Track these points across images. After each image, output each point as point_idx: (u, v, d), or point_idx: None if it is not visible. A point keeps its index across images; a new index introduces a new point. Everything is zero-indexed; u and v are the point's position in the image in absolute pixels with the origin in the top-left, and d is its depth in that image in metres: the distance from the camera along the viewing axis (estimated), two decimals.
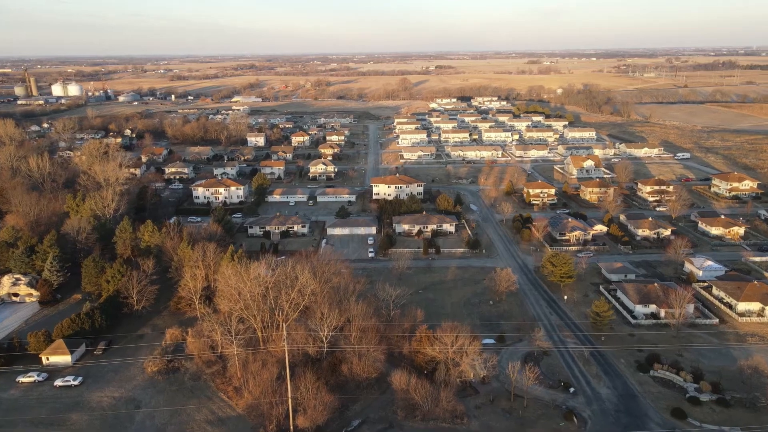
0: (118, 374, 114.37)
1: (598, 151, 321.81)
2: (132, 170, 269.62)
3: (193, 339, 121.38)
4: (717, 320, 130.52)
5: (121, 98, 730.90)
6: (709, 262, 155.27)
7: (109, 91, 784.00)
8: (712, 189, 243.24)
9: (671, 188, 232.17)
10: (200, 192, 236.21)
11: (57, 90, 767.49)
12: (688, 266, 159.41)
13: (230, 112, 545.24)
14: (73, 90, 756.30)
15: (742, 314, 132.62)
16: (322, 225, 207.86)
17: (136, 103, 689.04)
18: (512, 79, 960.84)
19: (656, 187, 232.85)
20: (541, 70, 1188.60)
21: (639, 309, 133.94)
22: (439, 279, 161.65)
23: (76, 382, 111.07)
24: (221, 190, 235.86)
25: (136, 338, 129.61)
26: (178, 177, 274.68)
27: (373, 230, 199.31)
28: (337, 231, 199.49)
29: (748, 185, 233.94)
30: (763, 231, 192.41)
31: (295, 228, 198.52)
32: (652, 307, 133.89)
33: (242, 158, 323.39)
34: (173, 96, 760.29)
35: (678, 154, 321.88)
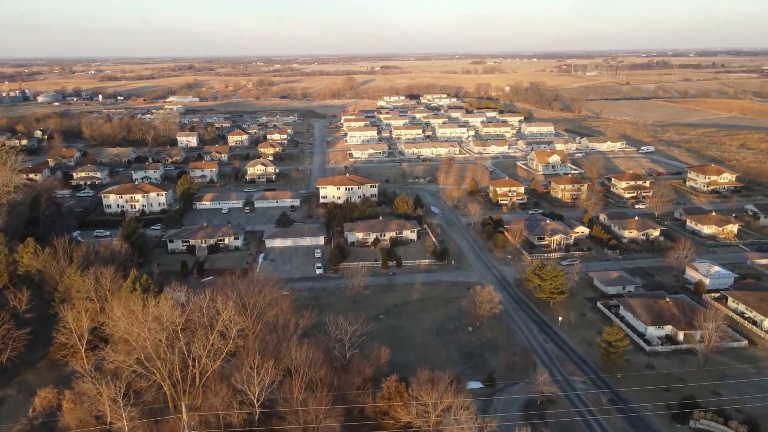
0: None
1: (560, 146, 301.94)
2: (31, 176, 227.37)
3: (71, 405, 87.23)
4: (746, 342, 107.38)
5: (40, 98, 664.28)
6: (717, 268, 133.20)
7: (26, 91, 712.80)
8: (688, 183, 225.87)
9: (648, 183, 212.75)
10: (112, 200, 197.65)
11: None
12: (690, 273, 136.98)
13: (161, 111, 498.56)
14: None
15: None
16: (259, 236, 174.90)
17: (57, 103, 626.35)
18: (459, 78, 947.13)
19: (632, 183, 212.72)
20: (486, 70, 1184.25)
21: (652, 331, 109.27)
22: (403, 299, 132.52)
23: None
24: (138, 196, 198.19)
25: None
26: (89, 183, 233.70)
27: (321, 240, 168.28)
28: (278, 243, 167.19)
29: (726, 178, 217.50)
30: (756, 228, 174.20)
31: (227, 240, 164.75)
32: (668, 329, 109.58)
33: (169, 160, 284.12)
34: (101, 96, 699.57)
35: (642, 148, 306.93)
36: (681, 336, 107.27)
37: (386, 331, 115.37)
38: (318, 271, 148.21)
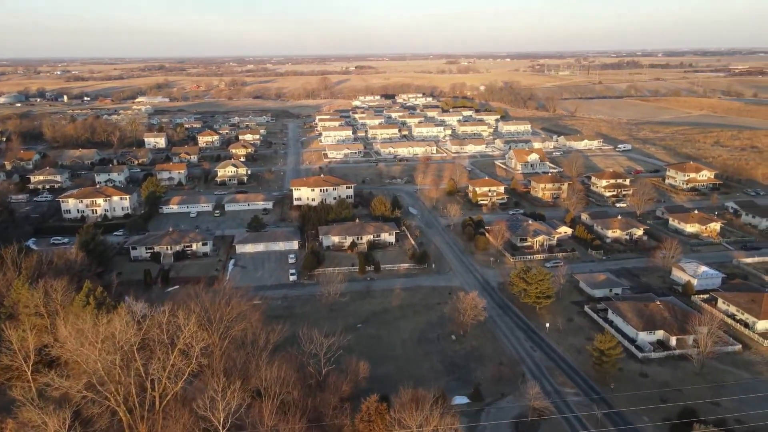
0: None
1: (537, 145, 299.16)
2: None
3: None
4: (740, 346, 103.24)
5: (1, 99, 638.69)
6: (704, 268, 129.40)
7: None
8: (667, 181, 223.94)
9: (628, 182, 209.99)
10: (71, 204, 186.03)
11: None
12: (677, 273, 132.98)
13: (129, 111, 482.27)
14: None
15: (764, 335, 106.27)
16: (229, 241, 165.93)
17: (19, 104, 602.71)
18: (434, 77, 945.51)
19: (612, 181, 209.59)
20: (461, 70, 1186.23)
21: (643, 337, 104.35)
22: (382, 307, 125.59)
23: None
24: (100, 201, 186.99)
25: None
26: (47, 186, 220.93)
27: (295, 245, 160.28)
28: (249, 248, 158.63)
29: (705, 176, 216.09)
30: (737, 226, 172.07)
31: (194, 246, 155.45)
32: (659, 334, 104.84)
33: (135, 162, 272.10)
34: (66, 97, 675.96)
35: (619, 146, 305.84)
36: (673, 341, 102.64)
37: (364, 342, 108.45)
38: (292, 278, 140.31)
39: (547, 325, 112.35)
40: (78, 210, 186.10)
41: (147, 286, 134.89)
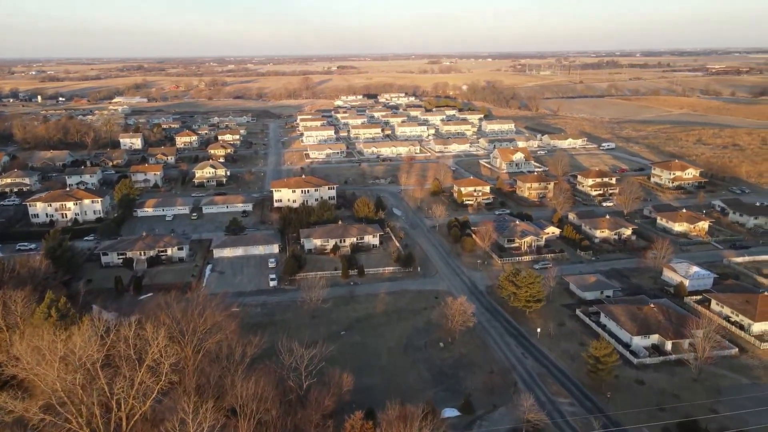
0: None
1: (522, 144, 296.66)
2: None
3: None
4: (736, 349, 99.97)
5: None
6: (696, 268, 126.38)
7: None
8: (653, 179, 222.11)
9: (614, 180, 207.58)
10: (39, 208, 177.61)
11: None
12: (668, 274, 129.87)
13: (105, 112, 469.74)
14: None
15: (760, 338, 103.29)
16: (207, 245, 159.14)
17: None
18: (416, 77, 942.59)
19: (598, 180, 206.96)
20: (442, 70, 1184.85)
21: (638, 342, 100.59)
22: (366, 312, 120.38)
23: None
24: (70, 204, 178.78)
25: None
26: (15, 189, 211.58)
27: (276, 248, 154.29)
28: (227, 252, 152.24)
29: (691, 174, 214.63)
30: (725, 224, 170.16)
31: (169, 251, 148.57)
32: (654, 338, 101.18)
33: (110, 163, 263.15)
34: (40, 97, 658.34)
35: (603, 144, 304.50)
36: (669, 346, 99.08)
37: (348, 350, 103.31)
38: (272, 283, 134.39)
39: (539, 330, 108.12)
40: (47, 214, 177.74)
41: (118, 294, 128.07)
